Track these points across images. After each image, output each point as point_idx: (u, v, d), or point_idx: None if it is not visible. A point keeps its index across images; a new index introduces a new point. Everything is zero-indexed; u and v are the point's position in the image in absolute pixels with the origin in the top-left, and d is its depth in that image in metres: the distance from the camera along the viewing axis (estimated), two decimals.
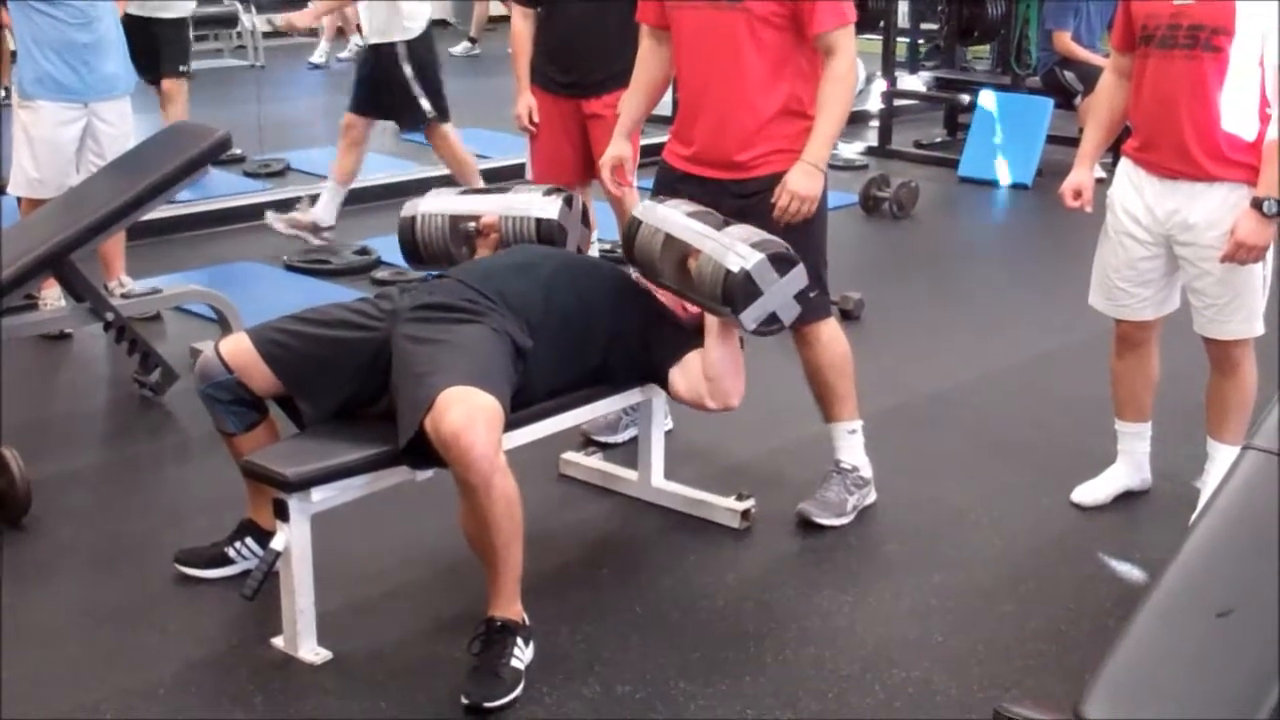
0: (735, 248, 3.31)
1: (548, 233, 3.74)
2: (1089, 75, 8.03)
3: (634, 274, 3.69)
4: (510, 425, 3.08)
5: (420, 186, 7.66)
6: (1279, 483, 2.41)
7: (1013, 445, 4.47)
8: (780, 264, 3.32)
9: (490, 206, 3.81)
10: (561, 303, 3.39)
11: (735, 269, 3.27)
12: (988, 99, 8.55)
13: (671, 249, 3.46)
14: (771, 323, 3.36)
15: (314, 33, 11.53)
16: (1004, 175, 8.30)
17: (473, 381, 2.97)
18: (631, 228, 3.56)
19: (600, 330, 3.47)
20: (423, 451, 2.98)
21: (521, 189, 3.90)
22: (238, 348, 3.26)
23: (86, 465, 4.27)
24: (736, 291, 3.28)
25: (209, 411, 3.33)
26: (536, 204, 3.78)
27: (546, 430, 3.46)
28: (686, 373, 3.50)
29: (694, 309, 3.57)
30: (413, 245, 3.84)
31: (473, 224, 3.80)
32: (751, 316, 3.31)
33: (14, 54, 5.18)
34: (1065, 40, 8.21)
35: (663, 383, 3.56)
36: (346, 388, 3.25)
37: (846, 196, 7.47)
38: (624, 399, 3.70)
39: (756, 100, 3.61)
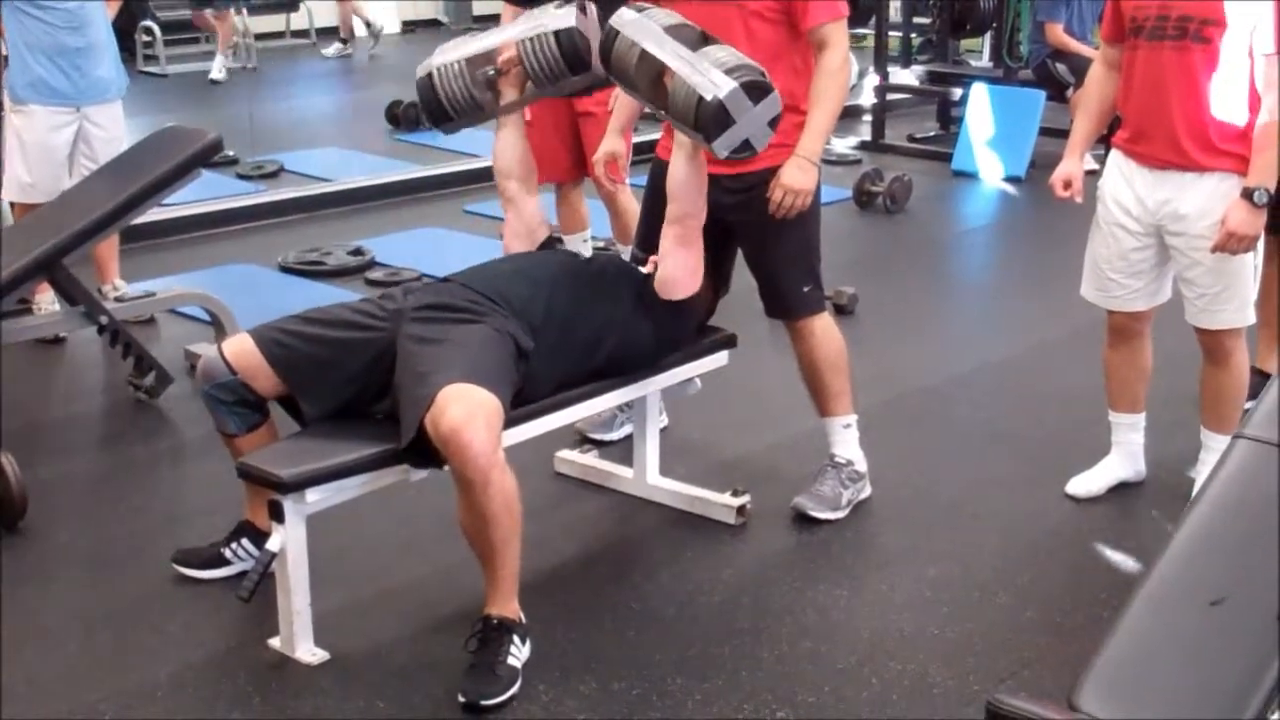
0: (709, 74, 3.24)
1: (569, 43, 3.58)
2: (1081, 67, 8.00)
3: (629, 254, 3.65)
4: (506, 423, 3.09)
5: (412, 187, 7.76)
6: (1278, 471, 2.41)
7: (1007, 437, 4.48)
8: (754, 91, 3.25)
9: (504, 37, 3.68)
10: (563, 305, 3.39)
11: (708, 98, 3.21)
12: (980, 92, 8.55)
13: (646, 65, 3.38)
14: (744, 149, 3.31)
15: None
16: (997, 168, 8.30)
17: (473, 379, 2.98)
18: (609, 38, 3.46)
19: (601, 332, 3.46)
20: (424, 450, 2.99)
21: (530, 11, 3.71)
22: (241, 348, 3.25)
23: (82, 469, 4.27)
24: (709, 119, 3.22)
25: (210, 413, 3.33)
26: (551, 18, 3.61)
27: (542, 428, 3.45)
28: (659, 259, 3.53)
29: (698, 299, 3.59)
30: (436, 103, 3.67)
31: (491, 68, 3.67)
32: (724, 144, 3.27)
33: (5, 58, 5.17)
34: (1057, 32, 8.21)
35: (670, 323, 3.56)
36: (349, 388, 3.25)
37: (840, 191, 7.48)
38: (619, 396, 3.69)
39: None
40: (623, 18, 3.46)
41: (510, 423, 3.16)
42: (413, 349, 3.14)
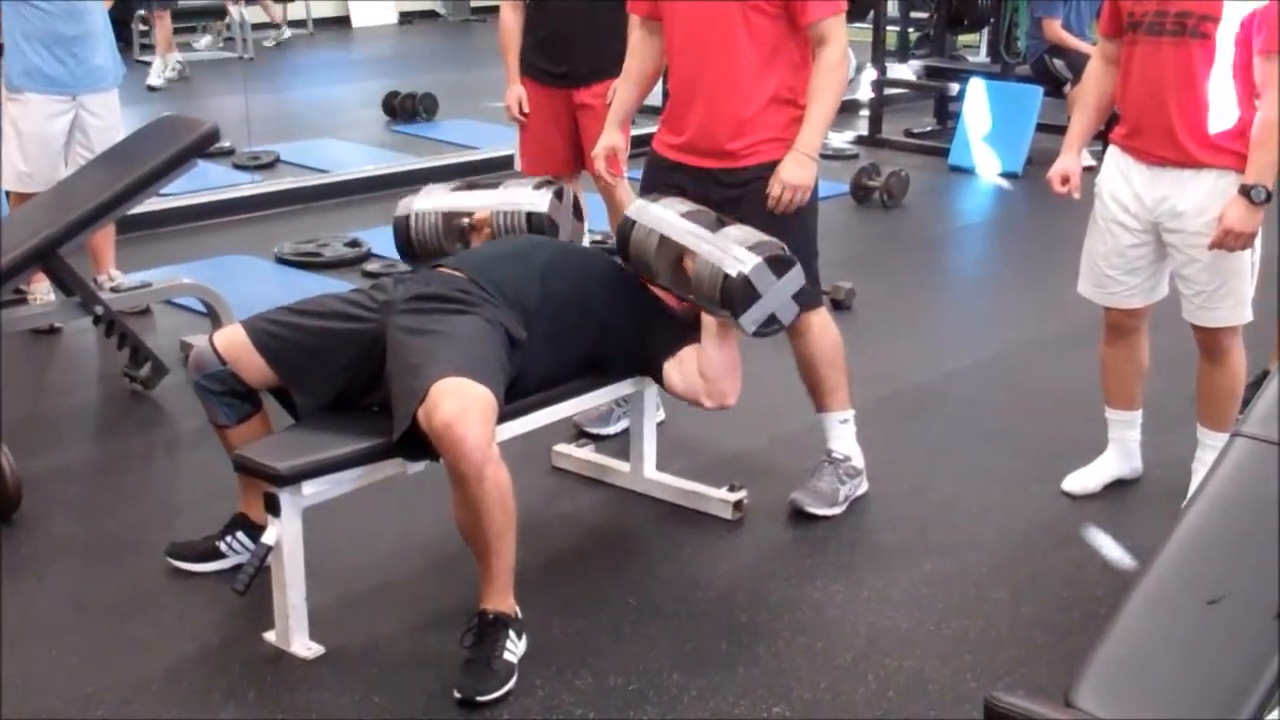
0: (732, 251, 3.31)
1: (538, 226, 3.74)
2: (1078, 63, 8.02)
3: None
4: (502, 417, 3.08)
5: (408, 178, 7.76)
6: (1276, 469, 2.41)
7: (1004, 434, 4.48)
8: (777, 266, 3.33)
9: (482, 202, 3.82)
10: (556, 293, 3.39)
11: (733, 273, 3.27)
12: (978, 87, 8.55)
13: (666, 250, 3.45)
14: (770, 324, 3.37)
15: None
16: (994, 164, 8.31)
17: (466, 373, 2.97)
18: (625, 228, 3.55)
19: (595, 321, 3.46)
20: (417, 443, 2.98)
21: (513, 184, 3.90)
22: (232, 339, 3.25)
23: (77, 460, 4.26)
24: (735, 296, 3.28)
25: (202, 403, 3.32)
26: (526, 198, 3.79)
27: (538, 422, 3.46)
28: (683, 369, 3.50)
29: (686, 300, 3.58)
30: (407, 243, 3.85)
31: (466, 220, 3.80)
32: (751, 320, 3.32)
33: (1, 47, 5.15)
34: (1055, 28, 8.22)
35: (657, 376, 3.56)
36: (341, 379, 3.24)
37: (837, 186, 7.48)
38: (616, 390, 3.70)
39: (748, 89, 3.61)
40: (638, 207, 3.55)
41: (507, 417, 3.16)
42: (404, 340, 3.13)
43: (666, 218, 3.47)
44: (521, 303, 3.30)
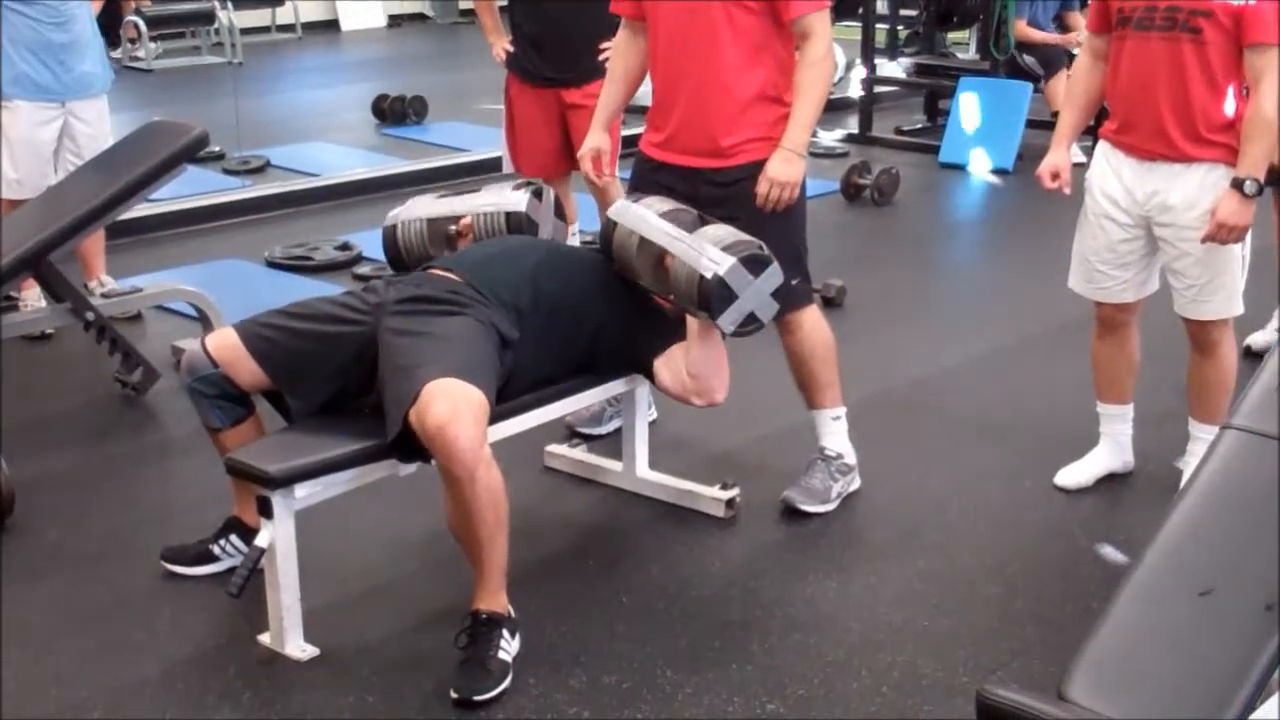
0: (707, 252, 3.31)
1: (516, 225, 3.74)
2: (1048, 58, 8.17)
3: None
4: (495, 418, 3.08)
5: (399, 181, 7.76)
6: (1263, 461, 2.41)
7: (996, 430, 4.48)
8: (754, 265, 3.32)
9: (463, 207, 3.83)
10: (548, 293, 3.39)
11: (709, 275, 3.28)
12: (968, 84, 8.55)
13: (647, 251, 3.46)
14: (750, 323, 3.37)
15: None
16: (984, 160, 8.31)
17: (458, 374, 2.97)
18: (608, 228, 3.56)
19: (587, 320, 3.47)
20: (410, 444, 2.99)
21: (493, 186, 3.92)
22: (224, 342, 3.26)
23: (70, 465, 4.25)
24: (711, 297, 3.28)
25: (195, 407, 3.33)
26: (505, 198, 3.79)
27: (531, 422, 3.46)
28: (672, 367, 3.51)
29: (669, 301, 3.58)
30: (395, 251, 3.86)
31: (451, 227, 3.80)
32: (729, 320, 3.33)
33: None
34: (1021, 25, 8.30)
35: (648, 373, 3.57)
36: (334, 381, 3.25)
37: (828, 184, 7.48)
38: (608, 390, 3.70)
39: (733, 86, 3.61)
40: (620, 207, 3.56)
41: (499, 417, 3.16)
42: (395, 342, 3.14)
43: (646, 218, 3.47)
44: (514, 303, 3.31)
